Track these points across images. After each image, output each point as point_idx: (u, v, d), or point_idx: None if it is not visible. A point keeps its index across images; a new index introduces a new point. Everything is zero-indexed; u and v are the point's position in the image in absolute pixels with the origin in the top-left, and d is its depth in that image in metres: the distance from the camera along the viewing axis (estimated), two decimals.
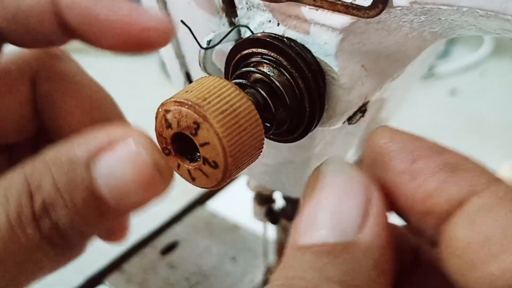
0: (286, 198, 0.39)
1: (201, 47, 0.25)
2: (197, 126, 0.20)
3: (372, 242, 0.19)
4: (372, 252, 0.19)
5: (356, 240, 0.19)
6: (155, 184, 0.24)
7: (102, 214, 0.24)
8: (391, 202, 0.21)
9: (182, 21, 0.27)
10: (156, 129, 0.22)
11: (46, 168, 0.23)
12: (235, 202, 0.55)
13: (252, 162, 0.22)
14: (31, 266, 0.24)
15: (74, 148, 0.23)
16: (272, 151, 0.30)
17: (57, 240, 0.24)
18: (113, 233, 0.35)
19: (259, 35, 0.25)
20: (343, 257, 0.19)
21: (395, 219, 0.22)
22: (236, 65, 0.25)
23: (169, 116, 0.21)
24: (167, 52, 0.32)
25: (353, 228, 0.19)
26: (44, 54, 0.31)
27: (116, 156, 0.23)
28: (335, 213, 0.20)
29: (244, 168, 0.22)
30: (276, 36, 0.24)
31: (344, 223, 0.20)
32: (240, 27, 0.26)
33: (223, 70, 0.26)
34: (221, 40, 0.25)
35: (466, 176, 0.20)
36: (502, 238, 0.18)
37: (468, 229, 0.18)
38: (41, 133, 0.33)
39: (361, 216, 0.20)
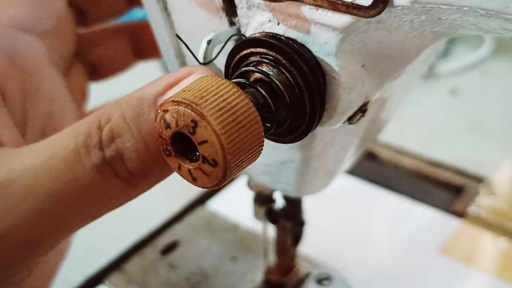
0: (286, 198, 0.39)
1: (199, 62, 0.25)
2: (195, 124, 0.20)
3: None
4: None
5: None
6: None
7: None
8: None
9: (177, 35, 0.28)
10: (156, 131, 0.22)
11: (117, 106, 0.25)
12: (235, 202, 0.55)
13: (252, 161, 0.22)
14: (97, 192, 0.25)
15: (143, 90, 0.26)
16: (272, 151, 0.30)
17: (121, 169, 0.25)
18: None
19: (257, 34, 0.25)
20: None
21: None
22: (236, 65, 0.25)
23: (167, 116, 0.21)
24: (167, 52, 0.32)
25: None
26: None
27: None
28: None
29: (244, 167, 0.22)
30: (274, 35, 0.24)
31: None
32: (236, 35, 0.26)
33: (223, 70, 0.26)
34: (218, 53, 0.26)
35: None
36: None
37: None
38: None
39: None
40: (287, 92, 0.23)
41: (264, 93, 0.23)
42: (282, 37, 0.24)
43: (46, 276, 0.32)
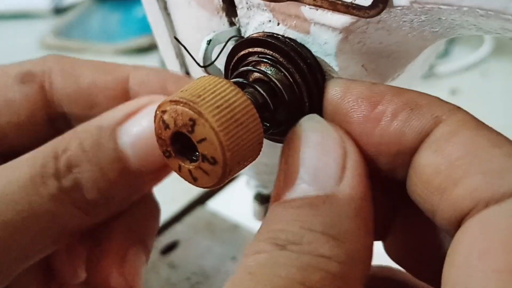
0: None
1: (198, 65, 0.26)
2: (193, 122, 0.20)
3: (351, 193, 0.20)
4: (352, 203, 0.19)
5: (335, 192, 0.19)
6: None
7: (124, 174, 0.25)
8: (361, 152, 0.21)
9: (175, 38, 0.28)
10: (155, 132, 0.22)
11: (75, 135, 0.25)
12: (236, 202, 0.55)
13: (253, 159, 0.22)
14: (55, 222, 0.25)
15: (102, 118, 0.26)
16: (272, 150, 0.30)
17: (79, 198, 0.24)
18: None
19: (255, 34, 0.25)
20: (324, 209, 0.19)
21: None
22: (236, 66, 0.25)
23: (166, 116, 0.21)
24: (167, 52, 0.32)
25: (332, 181, 0.20)
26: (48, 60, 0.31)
27: (140, 120, 0.26)
28: (314, 168, 0.20)
29: (245, 165, 0.22)
30: (271, 34, 0.24)
31: (323, 177, 0.20)
32: (236, 36, 0.26)
33: (223, 70, 0.26)
34: (217, 56, 0.26)
35: (428, 110, 0.20)
36: (465, 161, 0.18)
37: (433, 156, 0.19)
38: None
39: (339, 170, 0.20)
40: (285, 91, 0.23)
41: (263, 92, 0.23)
42: (280, 36, 0.24)
43: None
